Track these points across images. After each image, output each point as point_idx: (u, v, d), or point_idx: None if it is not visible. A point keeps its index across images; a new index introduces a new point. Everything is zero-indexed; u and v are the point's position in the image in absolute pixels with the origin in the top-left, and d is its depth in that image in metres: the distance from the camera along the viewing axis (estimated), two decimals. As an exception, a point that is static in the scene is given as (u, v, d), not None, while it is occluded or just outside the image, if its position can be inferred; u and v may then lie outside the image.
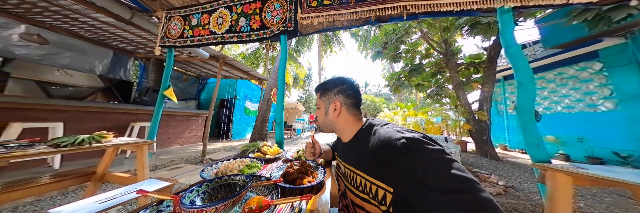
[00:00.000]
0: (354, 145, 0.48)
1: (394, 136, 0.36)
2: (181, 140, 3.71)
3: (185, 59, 3.12)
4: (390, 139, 0.36)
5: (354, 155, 0.46)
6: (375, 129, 0.44)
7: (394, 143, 0.35)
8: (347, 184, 0.47)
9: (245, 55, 11.02)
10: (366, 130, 0.47)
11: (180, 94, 4.58)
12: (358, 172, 0.43)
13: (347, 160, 0.50)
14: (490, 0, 0.94)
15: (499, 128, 4.30)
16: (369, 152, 0.40)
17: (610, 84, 2.74)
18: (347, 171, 0.48)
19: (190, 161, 2.68)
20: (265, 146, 0.92)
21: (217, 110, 5.81)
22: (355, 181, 0.43)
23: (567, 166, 0.65)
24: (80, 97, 2.85)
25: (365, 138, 0.44)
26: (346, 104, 0.50)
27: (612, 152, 2.54)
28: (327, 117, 0.52)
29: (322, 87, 0.54)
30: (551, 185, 0.63)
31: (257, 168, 0.61)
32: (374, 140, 0.40)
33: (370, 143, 0.41)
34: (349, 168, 0.47)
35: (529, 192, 1.70)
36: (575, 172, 0.58)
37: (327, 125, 0.53)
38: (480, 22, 2.64)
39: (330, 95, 0.52)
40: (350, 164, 0.47)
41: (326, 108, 0.52)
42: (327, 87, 0.53)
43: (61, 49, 2.47)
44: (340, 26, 1.34)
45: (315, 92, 0.57)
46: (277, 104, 1.19)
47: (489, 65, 3.12)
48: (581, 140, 2.90)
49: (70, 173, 0.98)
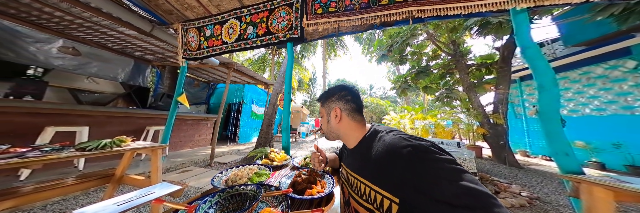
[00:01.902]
0: (358, 152, 0.47)
1: (399, 144, 0.35)
2: (191, 144, 3.86)
3: (197, 66, 3.33)
4: (395, 147, 0.35)
5: (358, 162, 0.46)
6: (380, 136, 0.43)
7: (399, 151, 0.33)
8: (351, 192, 0.46)
9: (252, 61, 11.48)
10: (371, 136, 0.46)
11: (191, 99, 4.83)
12: (362, 179, 0.41)
13: (351, 166, 0.49)
14: (501, 2, 0.90)
15: (517, 133, 4.00)
16: (373, 159, 0.39)
17: None
18: (352, 178, 0.47)
19: (199, 164, 2.76)
20: (272, 152, 0.92)
21: (225, 114, 6.03)
22: (359, 189, 0.42)
23: (606, 179, 0.57)
24: (104, 102, 3.11)
25: (370, 144, 0.43)
26: (347, 110, 0.51)
27: None
28: (329, 124, 0.53)
29: (323, 96, 0.56)
30: (588, 200, 0.56)
31: (266, 176, 0.61)
32: (378, 147, 0.40)
33: (374, 151, 0.40)
34: (354, 176, 0.46)
35: (558, 204, 1.53)
36: (617, 186, 0.51)
37: (330, 132, 0.54)
38: (491, 22, 2.54)
39: (330, 102, 0.53)
40: (354, 171, 0.46)
41: (328, 115, 0.53)
42: (327, 96, 0.54)
43: (91, 59, 2.75)
44: (344, 31, 1.37)
45: (317, 102, 0.59)
46: (284, 109, 1.20)
47: (503, 65, 2.96)
48: (618, 147, 2.59)
49: (92, 175, 1.05)
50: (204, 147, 4.04)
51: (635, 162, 2.43)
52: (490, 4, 0.92)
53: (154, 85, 4.03)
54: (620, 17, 1.86)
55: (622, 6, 1.77)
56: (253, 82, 4.64)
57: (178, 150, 3.50)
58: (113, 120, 2.42)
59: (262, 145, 3.86)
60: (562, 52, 3.56)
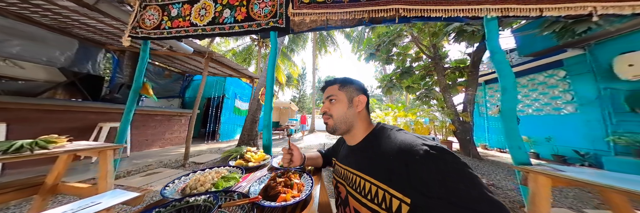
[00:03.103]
0: (363, 149, 0.44)
1: (414, 142, 0.34)
2: (162, 142, 3.41)
3: (166, 54, 2.87)
4: (411, 145, 0.33)
5: (364, 159, 0.42)
6: (389, 133, 0.41)
7: (415, 150, 0.32)
8: (351, 191, 0.43)
9: (236, 52, 10.55)
10: (378, 133, 0.44)
11: (162, 92, 4.20)
12: (368, 178, 0.39)
13: (353, 164, 0.45)
14: (475, 9, 1.00)
15: (480, 129, 4.60)
16: (382, 157, 0.37)
17: (572, 90, 3.07)
18: (353, 177, 0.43)
19: (170, 165, 2.45)
20: (248, 152, 0.82)
21: (204, 109, 5.47)
22: (363, 188, 0.39)
23: (547, 168, 0.68)
24: (34, 93, 2.46)
25: (377, 141, 0.41)
26: (367, 103, 0.48)
27: (573, 150, 2.85)
28: (348, 111, 0.47)
29: (342, 80, 0.50)
30: (533, 187, 0.66)
31: (235, 180, 0.53)
32: (388, 145, 0.37)
33: (383, 148, 0.38)
34: (356, 174, 0.42)
35: (507, 189, 1.83)
36: (554, 174, 0.61)
37: (347, 120, 0.46)
38: (466, 30, 2.81)
39: (353, 89, 0.49)
40: (357, 169, 0.43)
41: (349, 100, 0.47)
42: (350, 81, 0.50)
43: (8, 36, 2.09)
44: (333, 25, 1.32)
45: (327, 84, 0.51)
46: (265, 104, 1.10)
47: (473, 69, 3.33)
48: (549, 140, 3.21)
49: (9, 185, 0.81)
50: (178, 146, 3.62)
51: (559, 152, 3.08)
52: (467, 9, 1.01)
53: (110, 74, 3.36)
54: (559, 33, 2.24)
55: (562, 24, 2.14)
56: (236, 74, 4.24)
57: (144, 150, 3.05)
58: (47, 115, 1.94)
59: (245, 143, 3.64)
60: (517, 60, 4.18)
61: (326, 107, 0.49)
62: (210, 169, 0.60)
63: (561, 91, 3.24)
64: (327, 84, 0.52)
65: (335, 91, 0.49)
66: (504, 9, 0.98)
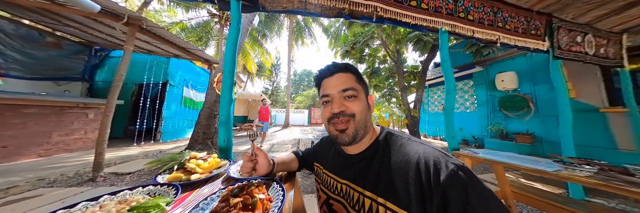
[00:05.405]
0: (368, 160, 0.36)
1: (439, 160, 0.28)
2: (44, 148, 2.27)
3: (38, 6, 1.74)
4: (435, 164, 0.28)
5: (365, 172, 0.36)
6: (401, 143, 0.34)
7: (441, 170, 0.27)
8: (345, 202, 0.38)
9: (186, 27, 8.13)
10: (386, 141, 0.36)
11: (38, 69, 2.70)
12: (369, 194, 0.33)
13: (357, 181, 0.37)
14: (434, 20, 1.23)
15: (423, 122, 6.02)
16: (394, 172, 0.31)
17: (475, 95, 4.50)
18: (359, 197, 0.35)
19: (64, 182, 1.68)
20: (193, 159, 0.59)
21: (133, 99, 4.04)
22: (362, 205, 0.34)
23: (468, 152, 1.02)
24: None
25: (386, 152, 0.34)
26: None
27: (472, 136, 4.23)
28: (368, 113, 0.37)
29: (355, 68, 0.40)
30: None
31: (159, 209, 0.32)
32: (401, 158, 0.31)
33: (394, 161, 0.32)
34: (364, 194, 0.34)
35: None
36: (472, 155, 0.95)
37: (367, 124, 0.36)
38: (422, 39, 3.43)
39: (366, 86, 0.41)
40: (364, 188, 0.35)
41: (366, 98, 0.38)
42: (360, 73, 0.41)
43: None
44: (312, 11, 1.22)
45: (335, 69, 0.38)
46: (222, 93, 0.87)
47: (422, 75, 4.12)
48: (461, 129, 4.60)
49: None
50: (83, 152, 2.50)
51: (465, 138, 4.50)
52: (428, 20, 1.21)
53: None
54: (474, 53, 3.16)
55: (477, 46, 3.02)
56: (186, 56, 3.29)
57: (7, 163, 1.90)
58: None
59: (199, 142, 3.00)
60: (448, 71, 5.61)
61: (343, 105, 0.35)
62: (111, 195, 0.36)
63: (470, 95, 4.67)
64: (335, 69, 0.38)
65: (354, 83, 0.37)
66: (452, 25, 1.25)
